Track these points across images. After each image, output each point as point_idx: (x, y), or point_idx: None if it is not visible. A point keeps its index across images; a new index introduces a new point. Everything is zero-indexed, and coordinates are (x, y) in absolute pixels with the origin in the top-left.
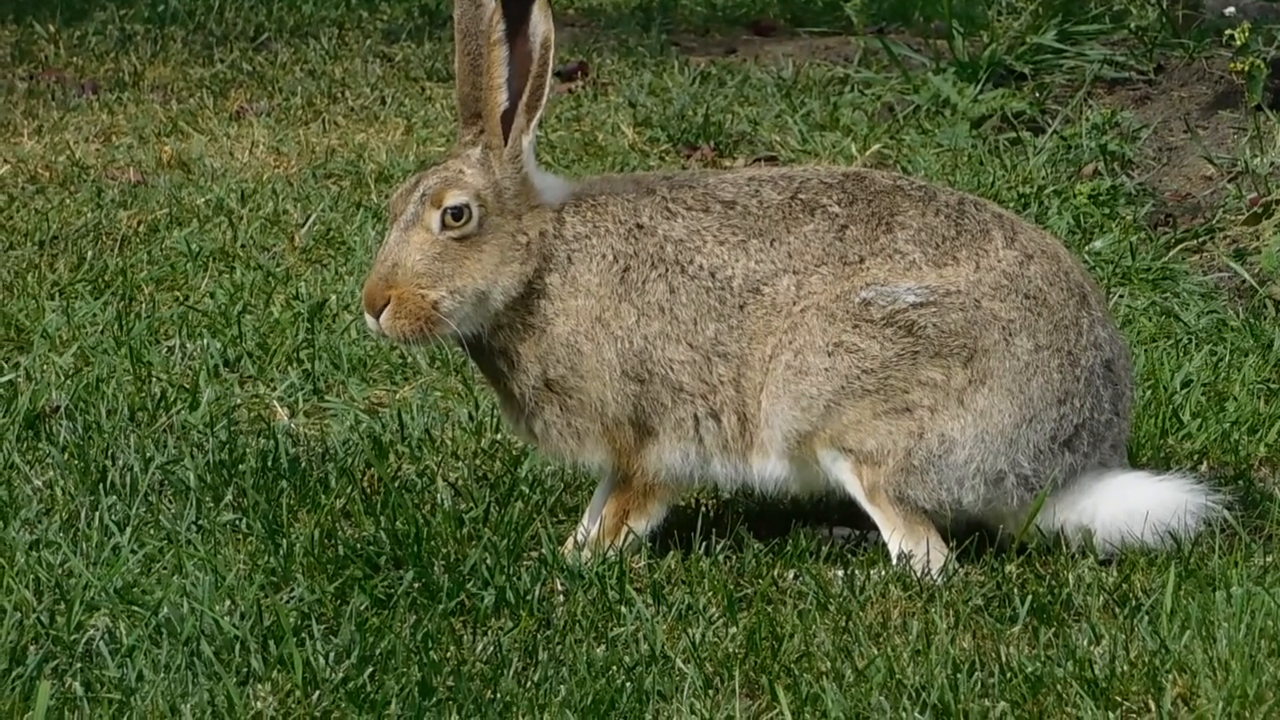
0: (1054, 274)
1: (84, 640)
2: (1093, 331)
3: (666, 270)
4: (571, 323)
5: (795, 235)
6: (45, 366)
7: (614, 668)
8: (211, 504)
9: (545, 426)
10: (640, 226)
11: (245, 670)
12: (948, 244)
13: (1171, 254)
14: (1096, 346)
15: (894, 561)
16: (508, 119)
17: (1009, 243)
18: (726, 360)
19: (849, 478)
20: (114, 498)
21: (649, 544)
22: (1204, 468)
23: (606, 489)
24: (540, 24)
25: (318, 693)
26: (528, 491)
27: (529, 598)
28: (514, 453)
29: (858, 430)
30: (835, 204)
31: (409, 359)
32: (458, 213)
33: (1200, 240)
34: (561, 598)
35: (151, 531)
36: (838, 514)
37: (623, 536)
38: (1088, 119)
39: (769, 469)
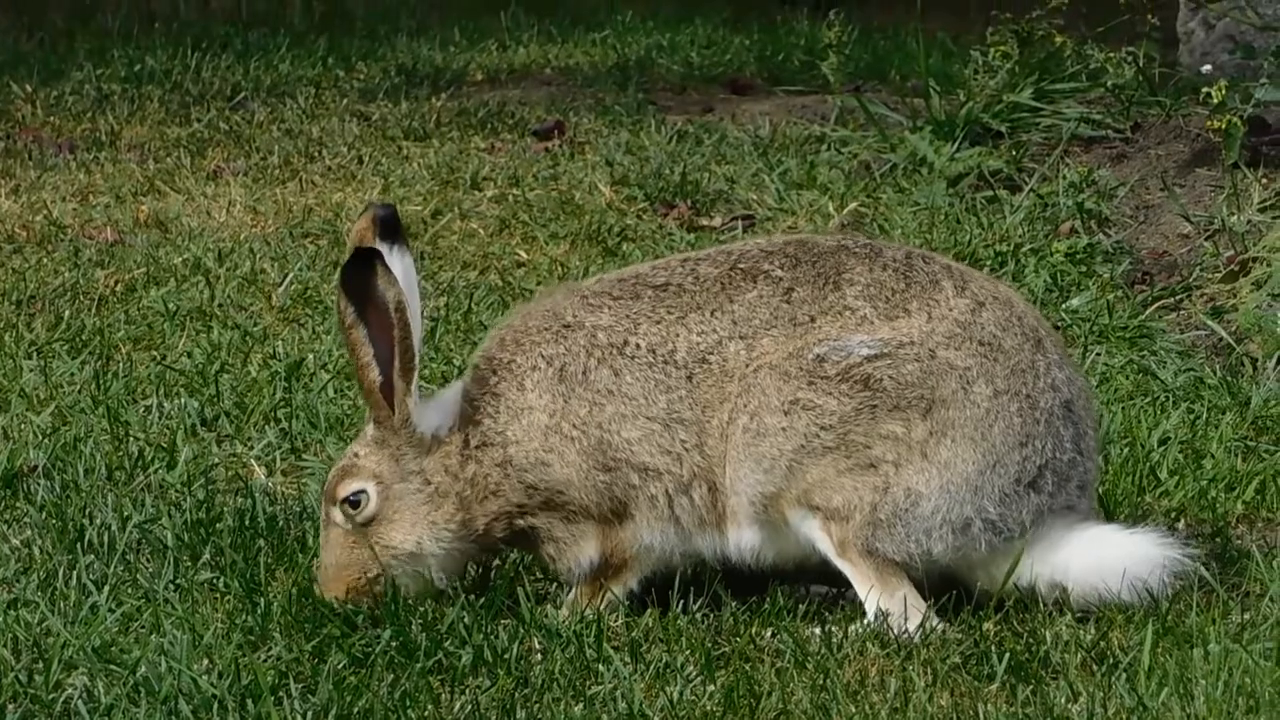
0: (1007, 319)
1: (62, 699)
2: (1049, 374)
3: (604, 355)
4: (525, 445)
5: (739, 303)
6: (23, 426)
7: None
8: (189, 563)
9: (557, 544)
10: (567, 325)
11: None
12: (898, 297)
13: (1148, 312)
14: (1054, 388)
15: (869, 617)
16: (388, 389)
17: (959, 291)
18: (685, 425)
19: (819, 535)
20: (92, 556)
21: (626, 603)
22: (1181, 525)
23: None
24: (386, 290)
25: None
26: (505, 549)
27: (506, 656)
28: None
29: (824, 488)
30: (778, 269)
31: None
32: (354, 501)
33: (1177, 298)
34: (539, 656)
35: (129, 590)
36: (814, 572)
37: (600, 599)
38: (1064, 177)
39: (743, 538)
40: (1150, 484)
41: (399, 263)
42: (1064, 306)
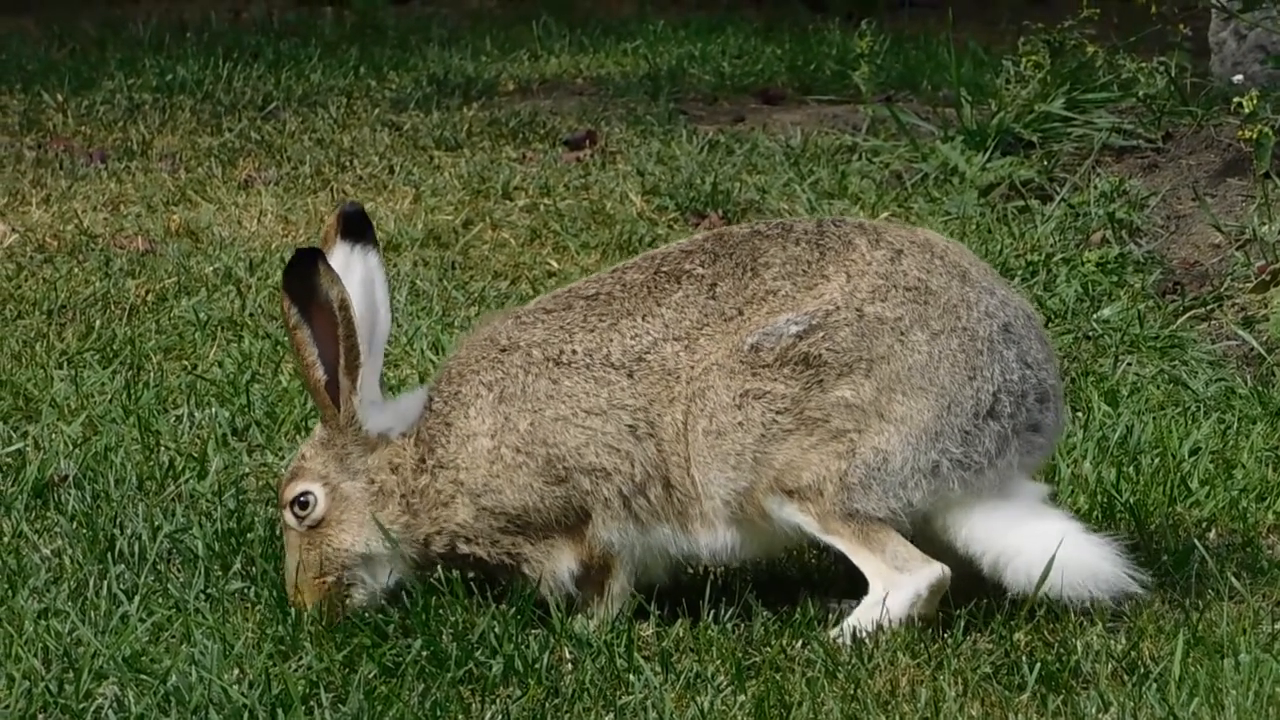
0: (928, 262)
1: (92, 709)
2: (981, 303)
3: (541, 369)
4: (474, 471)
5: (666, 305)
6: (54, 435)
7: None
8: (220, 572)
9: (535, 565)
10: (503, 350)
11: None
12: (815, 266)
13: (1180, 322)
14: (989, 315)
15: (872, 590)
16: (333, 388)
17: (874, 245)
18: (630, 411)
19: (800, 518)
20: (122, 566)
21: (657, 611)
22: (1212, 534)
23: None
24: (330, 289)
25: None
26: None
27: (537, 666)
28: None
29: (793, 469)
30: (699, 266)
31: None
32: (302, 502)
33: (1208, 308)
34: (570, 666)
35: (160, 600)
36: (844, 580)
37: (608, 599)
38: (1096, 187)
39: (718, 540)
40: (1181, 494)
41: (360, 261)
42: (1095, 316)
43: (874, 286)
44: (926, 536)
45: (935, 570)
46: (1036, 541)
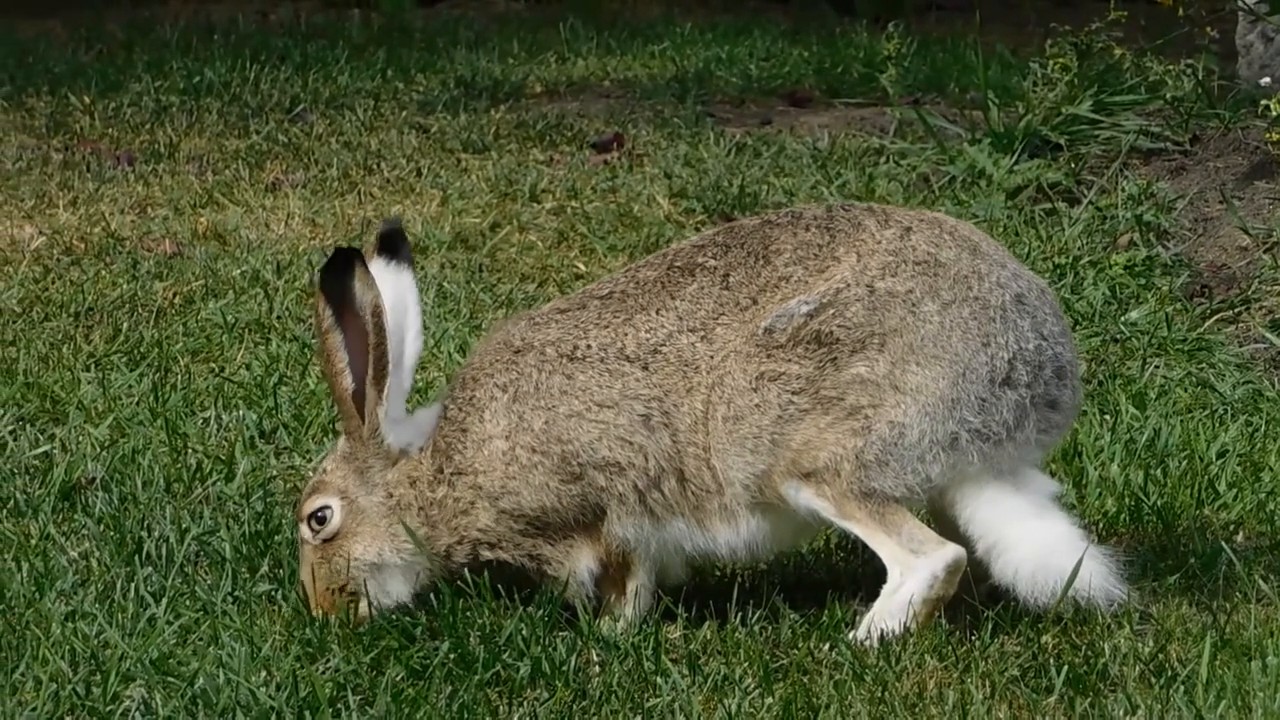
0: (937, 236)
1: (120, 711)
2: (992, 274)
3: (555, 366)
4: (492, 475)
5: (680, 299)
6: (81, 438)
7: None
8: (247, 575)
9: (556, 566)
10: (517, 351)
11: None
12: (826, 250)
13: (1207, 325)
14: (1001, 285)
15: (890, 577)
16: (359, 398)
17: (884, 224)
18: (643, 401)
19: (817, 503)
20: (150, 569)
21: (684, 614)
22: (1240, 537)
23: None
24: (365, 294)
25: None
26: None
27: (564, 668)
28: None
29: (810, 450)
30: (711, 259)
31: None
32: (319, 517)
33: (1236, 311)
34: (597, 668)
35: (187, 602)
36: (872, 582)
37: (630, 598)
38: (1123, 189)
39: (742, 532)
40: (1209, 497)
41: (394, 278)
42: (1123, 319)
43: (884, 263)
44: (935, 512)
45: (950, 551)
46: (1034, 539)
